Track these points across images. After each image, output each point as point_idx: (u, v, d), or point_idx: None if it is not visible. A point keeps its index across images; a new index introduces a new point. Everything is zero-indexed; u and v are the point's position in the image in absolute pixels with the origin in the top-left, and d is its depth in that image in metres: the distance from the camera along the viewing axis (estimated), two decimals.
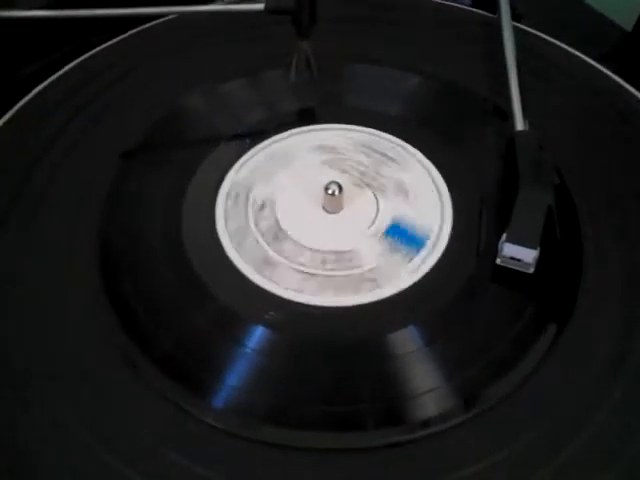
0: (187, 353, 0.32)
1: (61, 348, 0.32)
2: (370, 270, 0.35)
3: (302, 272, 0.35)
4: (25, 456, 0.29)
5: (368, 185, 0.39)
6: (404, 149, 0.41)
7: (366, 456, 0.29)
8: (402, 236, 0.36)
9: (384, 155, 0.40)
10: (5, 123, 0.41)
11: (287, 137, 0.41)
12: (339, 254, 0.36)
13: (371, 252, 0.36)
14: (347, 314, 0.33)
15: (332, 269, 0.35)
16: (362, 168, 0.40)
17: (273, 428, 0.30)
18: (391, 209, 0.38)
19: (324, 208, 0.38)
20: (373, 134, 0.41)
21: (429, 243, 0.36)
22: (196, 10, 0.42)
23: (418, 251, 0.36)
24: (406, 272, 0.35)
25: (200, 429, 0.30)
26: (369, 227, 0.37)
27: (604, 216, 0.37)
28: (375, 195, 0.38)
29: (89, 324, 0.33)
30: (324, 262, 0.35)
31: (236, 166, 0.40)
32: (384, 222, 0.37)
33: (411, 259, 0.35)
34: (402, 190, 0.39)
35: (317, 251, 0.36)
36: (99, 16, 0.40)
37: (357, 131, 0.41)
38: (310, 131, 0.42)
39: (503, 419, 0.30)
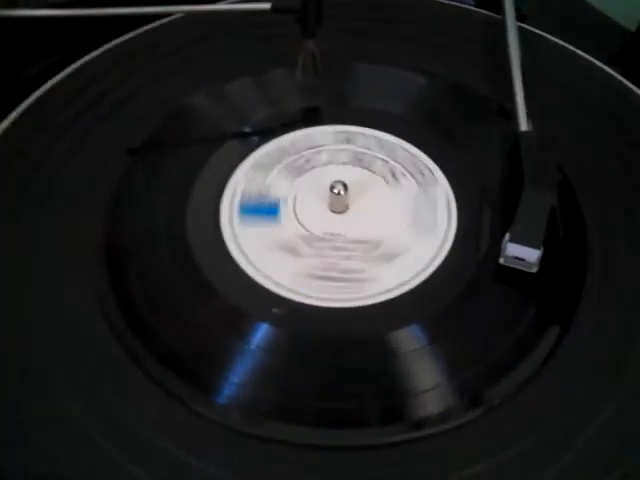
0: (191, 350, 0.32)
1: (65, 345, 0.32)
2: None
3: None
4: (26, 453, 0.29)
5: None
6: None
7: (368, 454, 0.29)
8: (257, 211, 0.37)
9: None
10: (11, 122, 0.41)
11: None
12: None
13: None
14: (351, 312, 0.33)
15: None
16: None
17: (275, 424, 0.30)
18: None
19: (330, 207, 0.38)
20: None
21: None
22: (202, 9, 0.42)
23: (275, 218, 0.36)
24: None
25: (203, 425, 0.30)
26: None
27: (608, 216, 0.37)
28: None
29: (93, 321, 0.33)
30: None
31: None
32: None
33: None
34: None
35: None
36: (104, 15, 0.40)
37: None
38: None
39: (505, 420, 0.30)
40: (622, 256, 0.35)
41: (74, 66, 0.45)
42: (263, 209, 0.38)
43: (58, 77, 0.44)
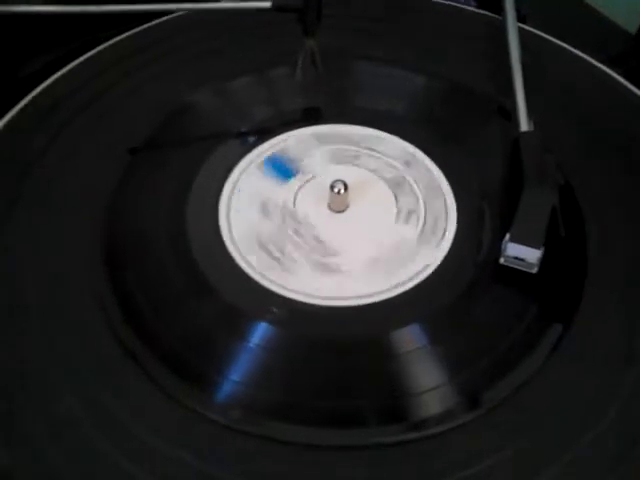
0: (191, 349, 0.32)
1: (64, 344, 0.32)
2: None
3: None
4: (25, 450, 0.29)
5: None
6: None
7: (368, 454, 0.29)
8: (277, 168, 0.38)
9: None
10: (9, 120, 0.41)
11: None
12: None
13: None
14: (351, 311, 0.33)
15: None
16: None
17: (275, 424, 0.30)
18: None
19: (330, 206, 0.38)
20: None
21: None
22: (203, 7, 0.42)
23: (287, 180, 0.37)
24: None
25: (203, 424, 0.30)
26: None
27: (608, 216, 0.37)
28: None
29: (93, 321, 0.33)
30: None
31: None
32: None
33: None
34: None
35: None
36: (105, 12, 0.40)
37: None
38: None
39: (506, 419, 0.30)
40: (622, 256, 0.35)
41: (74, 64, 0.45)
42: (283, 169, 0.39)
43: (57, 75, 0.44)
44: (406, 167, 0.40)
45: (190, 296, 0.34)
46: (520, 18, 0.46)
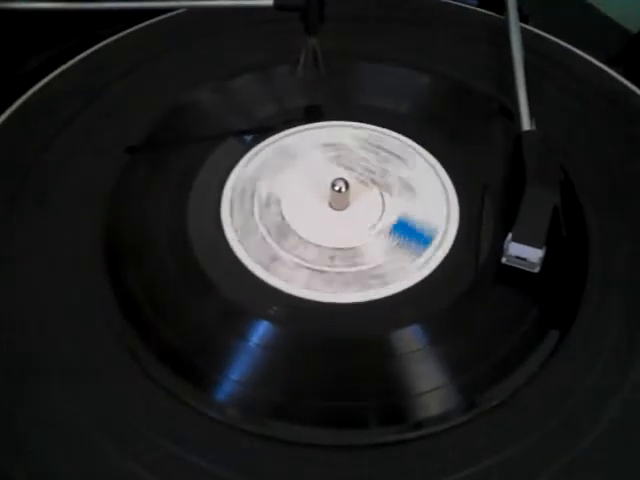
0: (191, 347, 0.32)
1: (64, 341, 0.32)
2: (375, 267, 0.35)
3: (307, 268, 0.35)
4: (25, 448, 0.29)
5: (375, 183, 0.39)
6: (411, 147, 0.41)
7: (368, 453, 0.29)
8: (409, 234, 0.37)
9: (391, 153, 0.40)
10: (9, 116, 0.41)
11: (294, 134, 0.41)
12: (345, 251, 0.36)
13: (377, 250, 0.36)
14: (351, 311, 0.33)
15: (338, 266, 0.35)
16: (369, 166, 0.40)
17: (275, 423, 0.30)
18: (397, 207, 0.38)
19: (330, 205, 0.38)
20: (379, 132, 0.41)
21: (436, 240, 0.36)
22: (205, 5, 0.42)
23: (425, 248, 0.36)
24: (411, 271, 0.35)
25: (202, 423, 0.30)
26: (375, 224, 0.37)
27: (610, 216, 0.37)
28: (381, 193, 0.38)
29: (93, 318, 0.33)
30: (330, 258, 0.35)
31: (242, 162, 0.40)
32: (390, 219, 0.37)
33: (417, 257, 0.35)
34: (408, 189, 0.39)
35: (323, 247, 0.36)
36: (106, 9, 0.40)
37: (364, 129, 0.41)
38: (317, 128, 0.42)
39: (506, 420, 0.30)
40: (624, 256, 0.35)
41: (73, 61, 0.44)
42: (416, 234, 0.37)
43: (56, 72, 0.44)
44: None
45: (191, 294, 0.34)
46: (522, 18, 0.46)
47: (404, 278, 0.34)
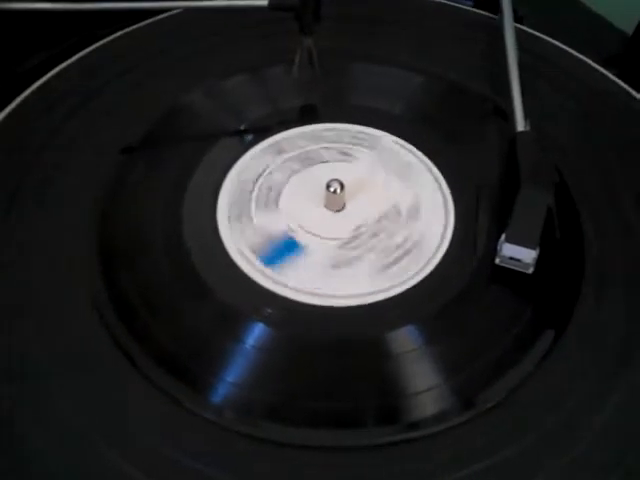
0: (185, 349, 0.32)
1: (59, 345, 0.32)
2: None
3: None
4: (22, 450, 0.29)
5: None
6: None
7: (364, 454, 0.29)
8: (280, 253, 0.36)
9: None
10: (5, 117, 0.41)
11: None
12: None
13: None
14: (346, 312, 0.33)
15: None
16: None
17: (271, 425, 0.30)
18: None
19: (326, 206, 0.38)
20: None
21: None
22: (200, 5, 0.42)
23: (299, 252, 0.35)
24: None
25: (198, 425, 0.30)
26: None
27: (605, 216, 0.37)
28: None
29: (88, 320, 0.33)
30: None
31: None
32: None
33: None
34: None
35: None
36: (101, 10, 0.40)
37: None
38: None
39: (502, 421, 0.30)
40: (618, 257, 0.35)
41: (70, 61, 0.44)
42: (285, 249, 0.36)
43: (53, 72, 0.44)
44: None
45: (186, 296, 0.34)
46: (517, 19, 0.46)
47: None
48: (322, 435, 0.30)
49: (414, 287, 0.34)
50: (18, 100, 0.42)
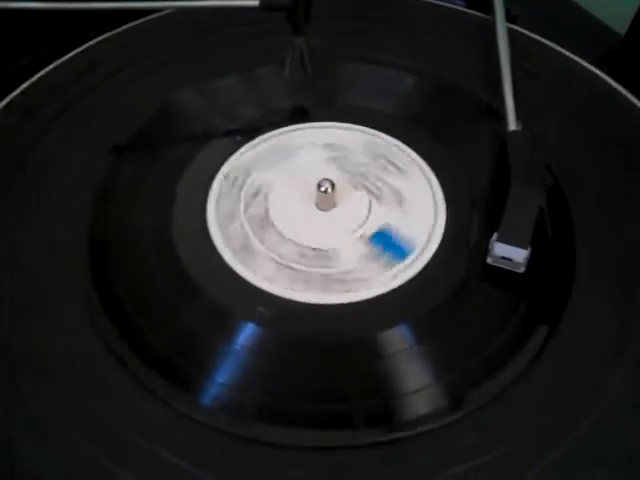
0: (175, 350, 0.32)
1: (49, 346, 0.32)
2: (362, 269, 0.35)
3: (297, 269, 0.35)
4: (13, 453, 0.29)
5: (361, 184, 0.39)
6: (397, 148, 0.41)
7: (356, 454, 0.29)
8: (387, 244, 0.36)
9: (378, 154, 0.40)
10: None
11: (279, 134, 0.41)
12: (329, 251, 0.36)
13: (360, 251, 0.36)
14: (337, 312, 0.33)
15: (323, 266, 0.35)
16: (356, 167, 0.40)
17: (263, 426, 0.30)
18: (384, 209, 0.38)
19: (316, 205, 0.38)
20: (367, 132, 0.41)
21: (421, 244, 0.36)
22: (190, 5, 0.42)
23: (401, 260, 0.35)
24: (398, 271, 0.35)
25: (189, 427, 0.30)
26: (360, 226, 0.37)
27: (597, 216, 0.37)
28: (370, 197, 0.38)
29: (78, 321, 0.33)
30: (316, 258, 0.35)
31: (227, 163, 0.39)
32: (374, 223, 0.37)
33: (392, 267, 0.35)
34: (396, 188, 0.39)
35: (311, 248, 0.36)
36: (92, 9, 0.40)
37: (351, 129, 0.41)
38: (303, 128, 0.41)
39: (494, 418, 0.30)
40: (610, 256, 0.35)
41: (60, 61, 0.44)
42: (395, 247, 0.36)
43: (43, 72, 0.43)
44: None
45: (176, 297, 0.34)
46: (510, 18, 0.46)
47: (391, 279, 0.34)
48: (313, 435, 0.30)
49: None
50: (9, 98, 0.42)
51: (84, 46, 0.45)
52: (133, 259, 0.36)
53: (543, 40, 0.47)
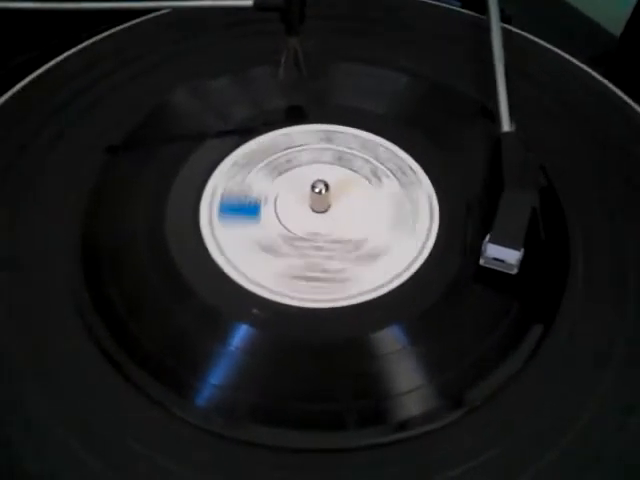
0: (169, 352, 0.32)
1: (41, 348, 0.32)
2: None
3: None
4: (7, 456, 0.29)
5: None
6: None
7: (350, 456, 0.29)
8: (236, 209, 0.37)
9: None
10: None
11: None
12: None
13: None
14: (331, 313, 0.33)
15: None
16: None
17: (256, 427, 0.30)
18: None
19: (311, 207, 0.38)
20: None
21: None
22: (185, 5, 0.41)
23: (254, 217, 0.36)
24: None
25: (183, 429, 0.30)
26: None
27: (590, 217, 0.37)
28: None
29: (69, 323, 0.32)
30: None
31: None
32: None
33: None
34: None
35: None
36: (86, 9, 0.39)
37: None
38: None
39: (488, 420, 0.30)
40: (604, 257, 0.35)
41: (54, 62, 0.44)
42: (243, 208, 0.38)
43: (37, 73, 0.43)
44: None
45: (170, 298, 0.34)
46: (505, 18, 0.46)
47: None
48: (307, 437, 0.30)
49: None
50: (3, 98, 0.41)
51: (77, 47, 0.45)
52: (126, 262, 0.35)
53: (537, 40, 0.47)
